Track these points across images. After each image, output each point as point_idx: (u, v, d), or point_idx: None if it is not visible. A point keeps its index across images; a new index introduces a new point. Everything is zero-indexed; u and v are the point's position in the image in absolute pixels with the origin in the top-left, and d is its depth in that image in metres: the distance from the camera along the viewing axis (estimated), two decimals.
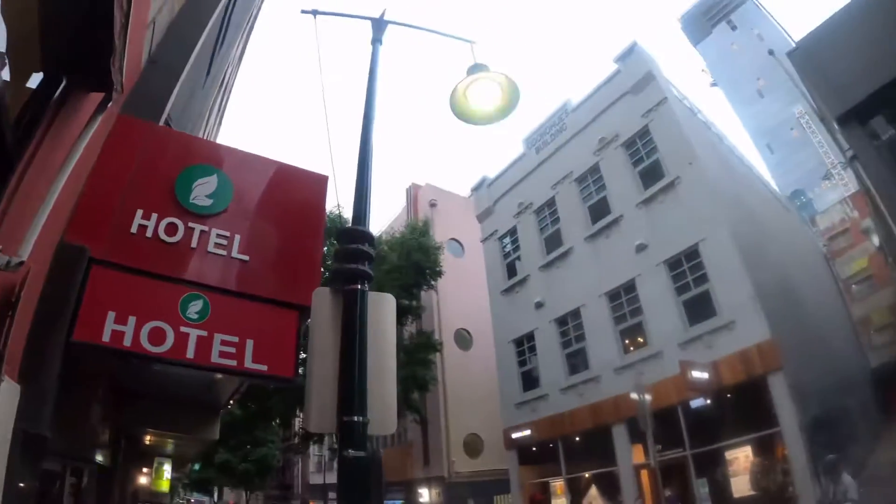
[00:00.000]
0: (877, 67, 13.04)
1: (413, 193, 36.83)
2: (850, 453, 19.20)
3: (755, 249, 19.33)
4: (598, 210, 21.61)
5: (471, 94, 5.33)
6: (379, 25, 5.33)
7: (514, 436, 22.31)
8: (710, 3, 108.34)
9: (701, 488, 16.36)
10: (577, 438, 20.55)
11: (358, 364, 3.55)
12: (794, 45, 17.71)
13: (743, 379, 15.79)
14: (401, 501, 31.71)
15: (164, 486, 15.15)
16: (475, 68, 5.23)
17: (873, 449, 23.88)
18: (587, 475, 20.43)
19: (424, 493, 29.92)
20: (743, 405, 16.35)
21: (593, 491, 19.96)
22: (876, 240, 37.79)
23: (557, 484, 20.97)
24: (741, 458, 16.07)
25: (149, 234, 5.29)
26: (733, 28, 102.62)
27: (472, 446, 29.93)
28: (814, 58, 15.10)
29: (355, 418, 3.38)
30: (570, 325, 21.51)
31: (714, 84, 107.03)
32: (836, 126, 14.69)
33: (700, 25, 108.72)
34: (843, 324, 39.14)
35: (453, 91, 5.30)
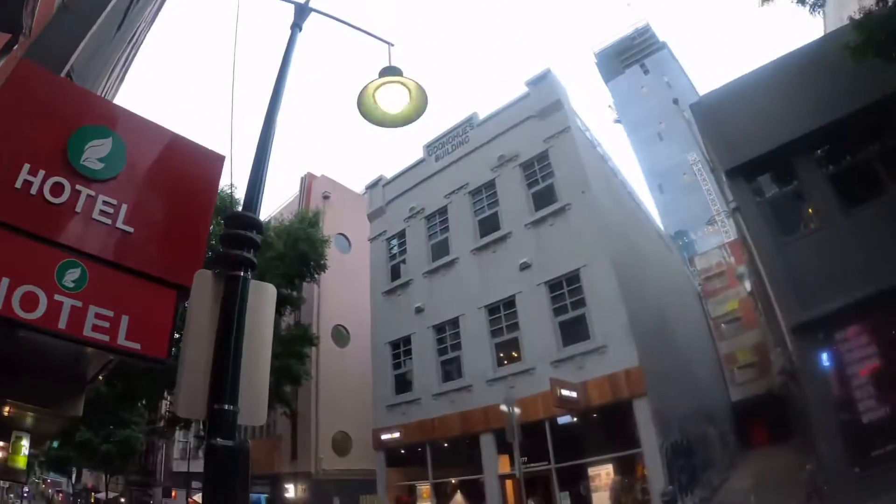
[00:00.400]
0: (768, 132, 14.57)
1: (308, 183, 36.17)
2: (705, 478, 20.52)
3: (634, 281, 20.33)
4: (488, 225, 22.04)
5: (380, 96, 5.37)
6: (301, 11, 5.29)
7: (383, 437, 22.25)
8: (628, 45, 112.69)
9: (563, 501, 17.01)
10: (446, 444, 20.83)
11: (233, 352, 3.53)
12: (698, 98, 19.02)
13: (609, 400, 16.59)
14: (266, 495, 31.14)
15: (21, 462, 14.26)
16: (388, 70, 5.29)
17: (728, 476, 25.58)
18: (454, 481, 20.74)
19: (290, 489, 29.46)
20: (608, 425, 17.30)
21: (459, 497, 20.27)
22: (748, 285, 40.23)
23: (424, 488, 21.12)
24: (603, 474, 17.00)
25: (33, 191, 4.93)
26: (645, 72, 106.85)
27: (341, 444, 29.76)
28: (713, 113, 16.51)
29: (226, 406, 3.36)
30: (447, 332, 21.78)
31: (618, 121, 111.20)
32: (724, 178, 16.01)
33: (614, 64, 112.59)
34: (710, 359, 41.59)
35: (363, 90, 5.33)
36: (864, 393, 12.87)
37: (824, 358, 13.66)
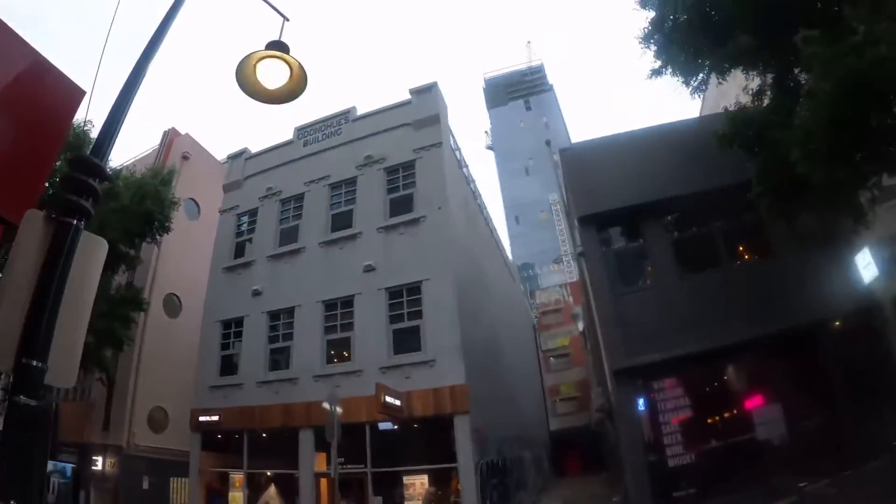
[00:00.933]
0: (626, 190, 16.03)
1: (169, 139, 34.12)
2: (517, 498, 21.70)
3: (473, 303, 21.13)
4: (341, 221, 21.94)
5: (261, 69, 5.22)
6: None
7: (201, 419, 21.35)
8: (518, 79, 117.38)
9: None
10: (265, 435, 20.47)
11: (50, 305, 3.32)
12: (569, 144, 20.28)
13: (432, 413, 17.13)
14: (73, 465, 29.19)
15: None
16: (275, 44, 5.19)
17: (539, 499, 27.39)
18: (269, 473, 20.52)
19: (99, 461, 27.80)
20: (428, 437, 17.96)
21: (272, 490, 20.09)
22: (580, 325, 42.67)
23: (237, 476, 20.61)
24: (417, 484, 17.55)
25: None
26: (528, 108, 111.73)
27: (157, 420, 28.33)
28: (580, 162, 18.05)
29: (34, 363, 3.14)
30: (281, 321, 21.39)
31: (490, 147, 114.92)
32: (577, 223, 17.35)
33: (500, 94, 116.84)
34: (535, 388, 43.80)
35: (245, 58, 5.18)
36: (673, 439, 14.43)
37: (640, 402, 15.10)
